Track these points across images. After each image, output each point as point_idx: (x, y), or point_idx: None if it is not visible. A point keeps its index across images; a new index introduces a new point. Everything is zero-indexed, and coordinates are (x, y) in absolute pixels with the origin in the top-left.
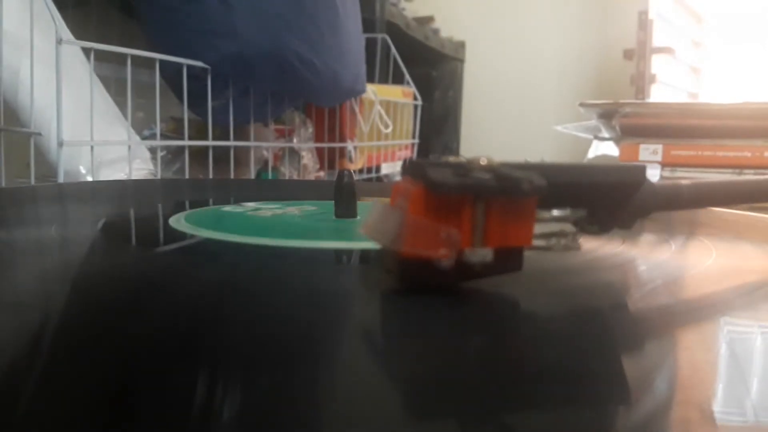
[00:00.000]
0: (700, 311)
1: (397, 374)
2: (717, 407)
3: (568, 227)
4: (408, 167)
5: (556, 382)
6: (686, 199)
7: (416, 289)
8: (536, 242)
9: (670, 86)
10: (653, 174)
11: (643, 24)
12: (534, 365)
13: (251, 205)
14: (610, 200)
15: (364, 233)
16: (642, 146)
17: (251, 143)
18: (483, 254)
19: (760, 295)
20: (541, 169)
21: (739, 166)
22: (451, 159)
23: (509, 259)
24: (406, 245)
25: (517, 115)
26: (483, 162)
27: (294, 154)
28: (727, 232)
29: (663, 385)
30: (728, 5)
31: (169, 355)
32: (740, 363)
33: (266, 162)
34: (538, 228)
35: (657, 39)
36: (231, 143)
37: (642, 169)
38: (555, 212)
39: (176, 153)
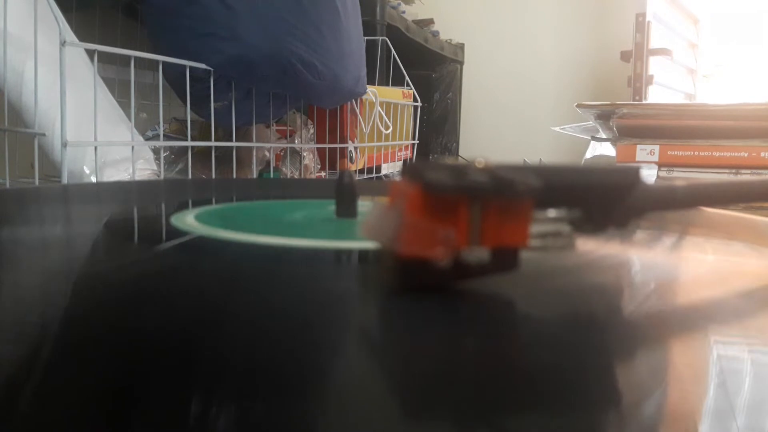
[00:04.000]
0: (693, 313)
1: (394, 373)
2: (705, 413)
3: (564, 227)
4: (406, 169)
5: (550, 383)
6: (680, 200)
7: (414, 288)
8: (532, 242)
9: (667, 88)
10: (650, 174)
11: (641, 26)
12: (529, 366)
13: None
14: (605, 201)
15: (364, 234)
16: (639, 147)
17: (253, 144)
18: (479, 254)
19: (755, 299)
20: (537, 170)
21: (735, 167)
22: (449, 161)
23: (506, 259)
24: (403, 245)
25: (516, 117)
26: (479, 164)
27: (295, 154)
28: (722, 234)
29: (654, 390)
30: (724, 6)
31: (173, 353)
32: (729, 367)
33: (268, 162)
34: (534, 228)
35: (654, 41)
36: (233, 144)
37: (636, 170)
38: (551, 212)
39: (179, 153)
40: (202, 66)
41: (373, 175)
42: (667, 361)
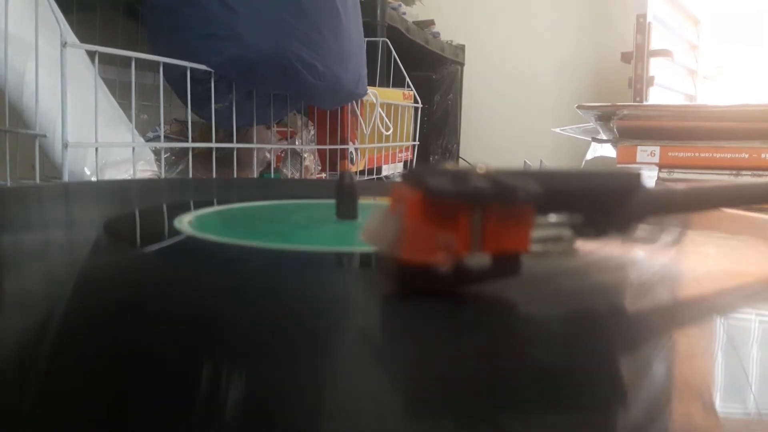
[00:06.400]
0: (698, 313)
1: (396, 378)
2: (717, 407)
3: (565, 232)
4: (407, 175)
5: (554, 385)
6: (681, 204)
7: (415, 294)
8: (533, 247)
9: (667, 89)
10: (650, 176)
11: (641, 27)
12: (532, 368)
13: None
14: (606, 205)
15: (365, 238)
16: (639, 148)
17: (254, 145)
18: (480, 260)
19: (759, 297)
20: (538, 175)
21: (736, 168)
22: (450, 166)
23: (507, 263)
24: (405, 251)
25: (516, 118)
26: (480, 169)
27: (296, 155)
28: (726, 232)
29: (662, 388)
30: (725, 7)
31: (171, 355)
32: (739, 365)
33: (269, 163)
34: (535, 233)
35: (654, 42)
36: (234, 145)
37: (637, 176)
38: (552, 217)
39: (180, 155)
40: (203, 67)
41: (374, 176)
42: (675, 353)
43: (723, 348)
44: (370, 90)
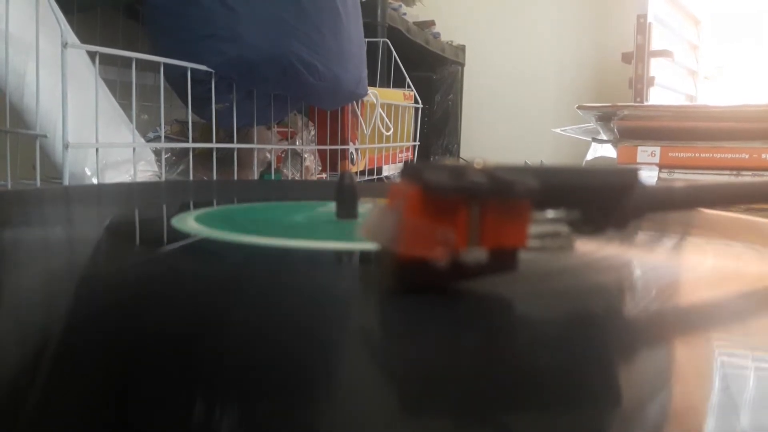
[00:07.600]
0: (694, 314)
1: (394, 374)
2: (708, 410)
3: (563, 228)
4: (406, 170)
5: (549, 383)
6: (679, 201)
7: (413, 289)
8: (531, 243)
9: (668, 89)
10: (651, 176)
11: (642, 27)
12: (528, 366)
13: None
14: (604, 202)
15: (363, 234)
16: (640, 148)
17: (254, 145)
18: (478, 255)
19: (756, 300)
20: (536, 171)
21: (736, 168)
22: (448, 162)
23: (504, 259)
24: (403, 246)
25: (517, 118)
26: (478, 164)
27: (296, 156)
28: (722, 235)
29: (654, 390)
30: (725, 7)
31: (173, 355)
32: (732, 365)
33: (269, 164)
34: (533, 229)
35: (655, 42)
36: (234, 145)
37: (635, 172)
38: (550, 213)
39: (180, 155)
40: (203, 67)
41: (374, 176)
42: (669, 362)
43: (716, 357)
44: (371, 90)
